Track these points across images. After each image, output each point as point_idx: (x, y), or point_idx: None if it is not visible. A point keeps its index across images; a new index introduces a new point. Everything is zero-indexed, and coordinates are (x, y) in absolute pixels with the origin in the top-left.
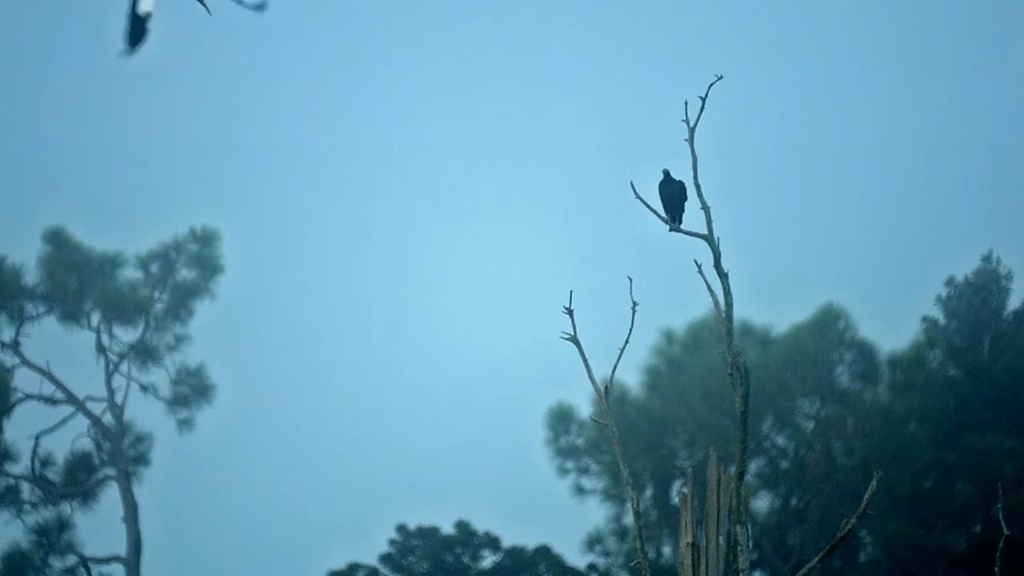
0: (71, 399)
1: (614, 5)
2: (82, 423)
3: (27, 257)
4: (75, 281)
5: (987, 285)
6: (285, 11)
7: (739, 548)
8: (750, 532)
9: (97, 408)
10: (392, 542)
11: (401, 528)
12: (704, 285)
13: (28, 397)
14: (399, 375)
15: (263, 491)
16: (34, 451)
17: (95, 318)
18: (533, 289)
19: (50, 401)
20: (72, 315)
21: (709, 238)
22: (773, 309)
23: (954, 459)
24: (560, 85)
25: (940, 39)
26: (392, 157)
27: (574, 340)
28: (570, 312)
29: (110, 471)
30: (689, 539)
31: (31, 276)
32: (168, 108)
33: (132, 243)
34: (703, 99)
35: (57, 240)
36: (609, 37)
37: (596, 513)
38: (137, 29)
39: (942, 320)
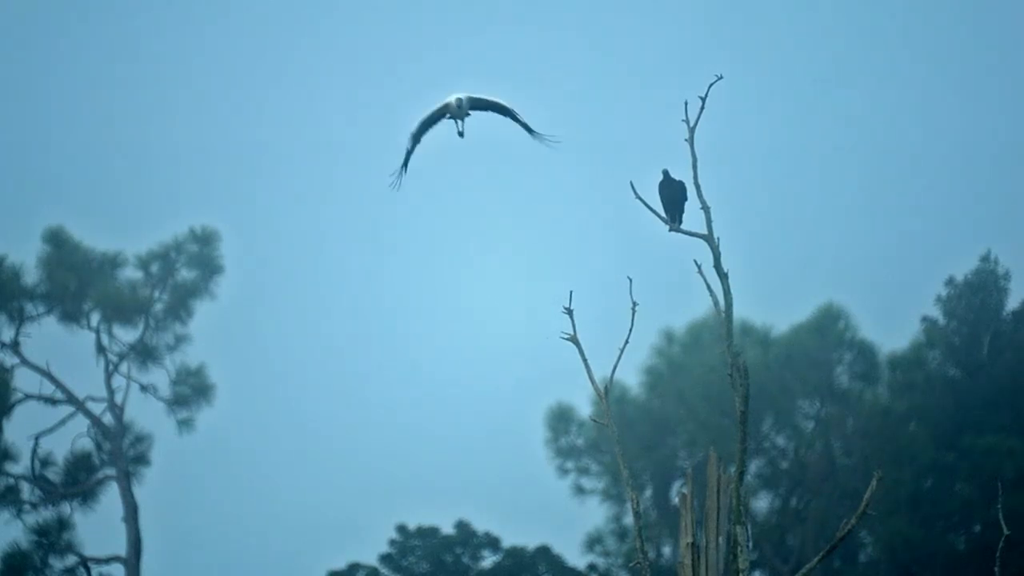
0: (71, 399)
1: (615, 5)
2: (82, 423)
3: (27, 257)
4: (75, 281)
5: (986, 285)
6: (287, 10)
7: (739, 548)
8: (750, 532)
9: (97, 408)
10: (392, 542)
11: (401, 528)
12: (704, 285)
13: (28, 397)
14: (398, 375)
15: (263, 491)
16: (34, 451)
17: (95, 318)
18: (533, 289)
19: (50, 401)
20: (72, 315)
21: (709, 238)
22: (773, 309)
23: (954, 459)
24: (560, 85)
25: (939, 39)
26: (393, 156)
27: (574, 340)
28: (570, 312)
29: (110, 471)
30: (689, 539)
31: (31, 276)
32: (168, 108)
33: (132, 243)
34: (703, 99)
35: (57, 240)
36: (611, 37)
37: (596, 513)
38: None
39: (942, 320)
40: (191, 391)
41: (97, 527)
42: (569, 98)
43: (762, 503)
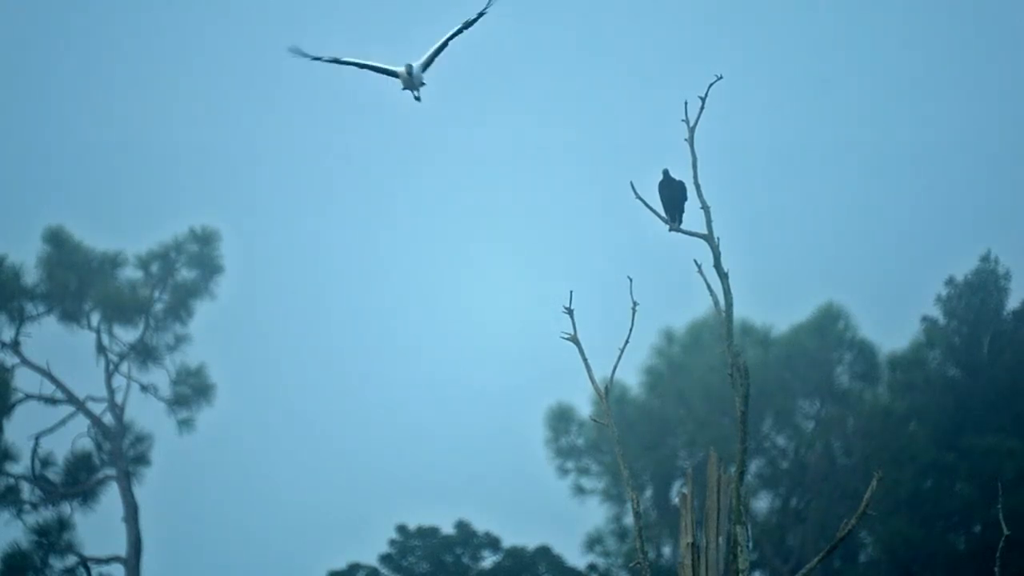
0: (71, 399)
1: (615, 5)
2: (82, 423)
3: (27, 257)
4: (75, 281)
5: (986, 285)
6: (287, 10)
7: (739, 548)
8: (750, 532)
9: (97, 408)
10: (392, 542)
11: (401, 528)
12: (704, 285)
13: (28, 397)
14: (399, 375)
15: (263, 491)
16: (34, 451)
17: (95, 318)
18: (533, 289)
19: (50, 401)
20: (72, 315)
21: (709, 238)
22: (773, 309)
23: (954, 459)
24: (561, 85)
25: (939, 39)
26: (393, 157)
27: (574, 340)
28: (570, 312)
29: (110, 471)
30: (689, 539)
31: (31, 276)
32: (168, 108)
33: (132, 243)
34: (703, 99)
35: (57, 240)
36: (611, 37)
37: (596, 513)
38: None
39: (942, 320)
40: (191, 391)
41: (97, 527)
42: (569, 98)
43: (762, 503)
